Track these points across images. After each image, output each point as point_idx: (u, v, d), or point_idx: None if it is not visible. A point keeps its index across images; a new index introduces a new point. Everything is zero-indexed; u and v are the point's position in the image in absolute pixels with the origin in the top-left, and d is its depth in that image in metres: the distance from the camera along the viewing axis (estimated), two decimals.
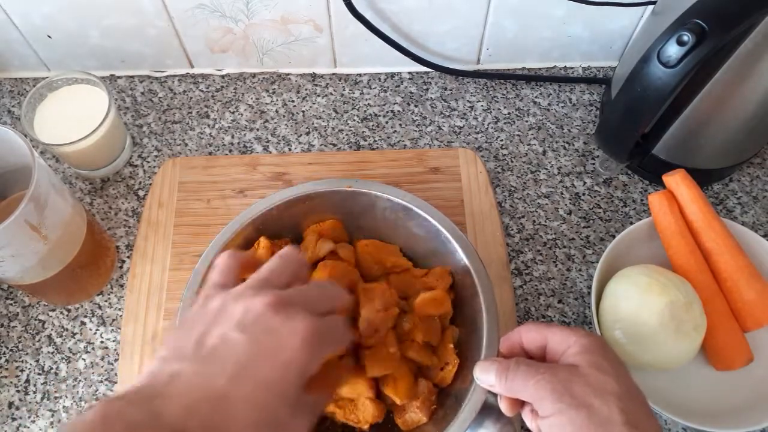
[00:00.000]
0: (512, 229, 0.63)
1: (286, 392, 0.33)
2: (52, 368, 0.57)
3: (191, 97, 0.72)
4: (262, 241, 0.52)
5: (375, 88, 0.72)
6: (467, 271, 0.50)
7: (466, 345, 0.49)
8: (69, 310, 0.59)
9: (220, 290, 0.37)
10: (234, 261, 0.40)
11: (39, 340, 0.58)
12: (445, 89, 0.72)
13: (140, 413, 0.31)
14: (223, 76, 0.73)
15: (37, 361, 0.57)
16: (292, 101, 0.72)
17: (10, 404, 0.55)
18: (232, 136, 0.69)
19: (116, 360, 0.57)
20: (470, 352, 0.48)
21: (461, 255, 0.50)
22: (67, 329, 0.59)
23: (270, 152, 0.68)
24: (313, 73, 0.73)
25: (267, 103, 0.71)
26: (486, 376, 0.39)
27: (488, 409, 0.43)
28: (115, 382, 0.56)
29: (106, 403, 0.31)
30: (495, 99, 0.71)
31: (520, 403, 0.40)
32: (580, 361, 0.37)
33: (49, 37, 0.68)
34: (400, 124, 0.70)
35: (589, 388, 0.36)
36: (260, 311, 0.35)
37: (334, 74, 0.73)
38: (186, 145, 0.69)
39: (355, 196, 0.53)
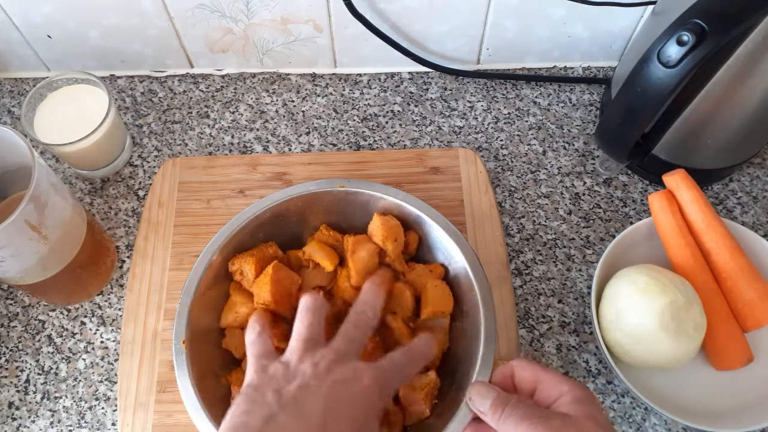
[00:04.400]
0: (512, 229, 0.63)
1: (370, 427, 0.37)
2: (52, 368, 0.57)
3: (191, 97, 0.72)
4: (324, 229, 0.54)
5: (375, 88, 0.72)
6: (462, 267, 0.50)
7: (464, 341, 0.49)
8: (69, 310, 0.59)
9: (270, 359, 0.40)
10: (264, 333, 0.43)
11: (39, 340, 0.58)
12: (445, 89, 0.72)
13: None
14: (223, 76, 0.73)
15: (37, 361, 0.57)
16: (292, 101, 0.72)
17: (10, 404, 0.55)
18: (232, 136, 0.69)
19: (116, 360, 0.57)
20: (468, 349, 0.48)
21: (457, 252, 0.51)
22: (67, 329, 0.59)
23: (270, 152, 0.68)
24: (313, 73, 0.73)
25: (267, 103, 0.71)
26: (481, 401, 0.40)
27: None
28: (115, 382, 0.56)
29: None
30: (495, 99, 0.71)
31: None
32: (574, 411, 0.37)
33: (49, 37, 0.68)
34: (400, 124, 0.70)
35: None
36: (328, 364, 0.38)
37: (334, 74, 0.73)
38: (186, 145, 0.69)
39: (349, 196, 0.54)
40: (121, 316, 0.59)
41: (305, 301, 0.43)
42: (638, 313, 0.51)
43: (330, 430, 0.35)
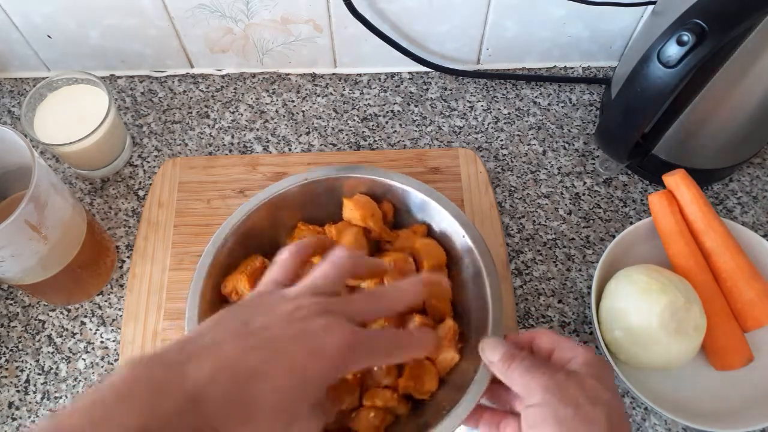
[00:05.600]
0: (512, 229, 0.63)
1: (312, 388, 0.34)
2: (52, 368, 0.57)
3: (191, 97, 0.72)
4: (301, 226, 0.54)
5: (375, 88, 0.72)
6: (469, 249, 0.50)
7: (467, 290, 0.51)
8: (69, 310, 0.59)
9: (276, 287, 0.39)
10: (293, 260, 0.42)
11: (39, 340, 0.58)
12: (445, 89, 0.72)
13: (167, 376, 0.32)
14: (223, 76, 0.73)
15: (37, 361, 0.57)
16: (292, 101, 0.72)
17: (10, 404, 0.55)
18: (232, 136, 0.69)
19: (116, 360, 0.57)
20: (476, 331, 0.49)
21: (435, 207, 0.52)
22: (67, 329, 0.59)
23: (270, 152, 0.68)
24: (313, 73, 0.73)
25: (267, 103, 0.71)
26: (491, 353, 0.41)
27: None
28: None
29: (136, 365, 0.32)
30: (495, 99, 0.71)
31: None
32: (582, 369, 0.39)
33: (49, 37, 0.68)
34: (400, 124, 0.70)
35: (582, 391, 0.37)
36: (309, 312, 0.36)
37: (334, 74, 0.73)
38: (186, 145, 0.69)
39: (314, 187, 0.54)
40: (121, 316, 0.59)
41: (336, 253, 0.41)
42: (638, 312, 0.51)
43: (265, 374, 0.33)
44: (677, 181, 0.57)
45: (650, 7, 0.64)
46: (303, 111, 0.71)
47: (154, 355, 0.33)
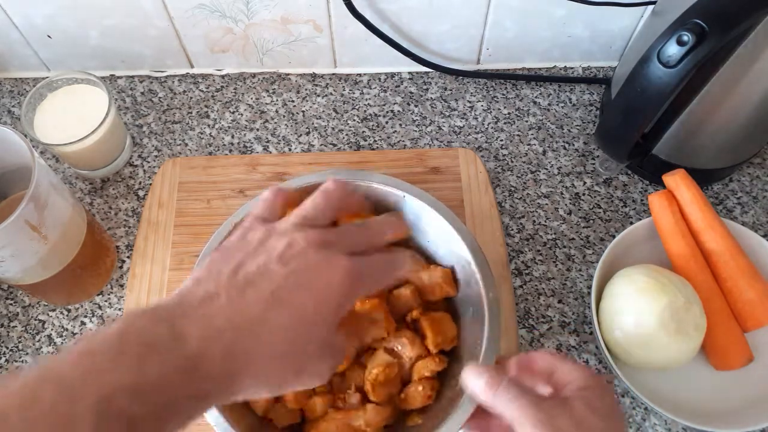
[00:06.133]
0: (512, 229, 0.63)
1: (319, 326, 0.33)
2: None
3: (191, 97, 0.72)
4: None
5: (375, 88, 0.72)
6: (466, 259, 0.50)
7: (455, 380, 0.48)
8: (69, 310, 0.59)
9: (261, 223, 0.37)
10: (279, 197, 0.40)
11: (39, 340, 0.58)
12: (445, 89, 0.72)
13: (161, 332, 0.30)
14: (223, 76, 0.73)
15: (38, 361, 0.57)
16: (292, 101, 0.72)
17: None
18: (232, 136, 0.69)
19: None
20: (470, 340, 0.48)
21: (459, 241, 0.51)
22: (67, 329, 0.59)
23: (270, 152, 0.68)
24: (313, 73, 0.73)
25: (267, 103, 0.71)
26: (476, 381, 0.39)
27: None
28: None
29: (129, 317, 0.30)
30: (495, 99, 0.71)
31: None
32: (576, 395, 0.37)
33: (49, 37, 0.68)
34: (400, 124, 0.70)
35: (572, 420, 0.35)
36: (303, 247, 0.34)
37: (334, 74, 0.73)
38: (186, 145, 0.69)
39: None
40: (121, 316, 0.59)
41: (326, 184, 0.40)
42: (638, 313, 0.51)
43: (265, 323, 0.32)
44: (677, 181, 0.57)
45: (650, 7, 0.64)
46: (303, 111, 0.71)
47: (151, 309, 0.31)
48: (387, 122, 0.70)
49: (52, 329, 0.59)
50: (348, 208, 0.41)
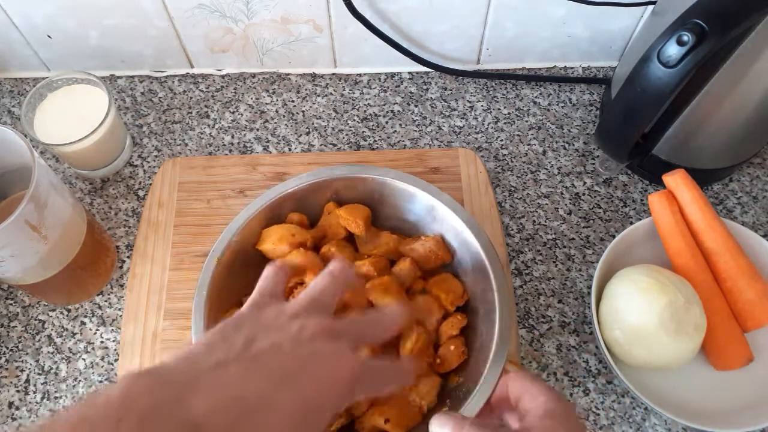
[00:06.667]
0: (512, 229, 0.63)
1: (318, 417, 0.34)
2: (52, 368, 0.57)
3: (191, 97, 0.72)
4: (301, 250, 0.52)
5: (375, 88, 0.72)
6: (477, 253, 0.50)
7: (478, 331, 0.50)
8: (69, 310, 0.59)
9: (272, 300, 0.38)
10: (283, 273, 0.41)
11: (39, 340, 0.58)
12: (445, 89, 0.72)
13: (165, 396, 0.30)
14: (223, 76, 0.73)
15: (37, 361, 0.57)
16: (292, 101, 0.72)
17: (10, 404, 0.55)
18: (232, 136, 0.69)
19: (116, 360, 0.57)
20: (483, 337, 0.49)
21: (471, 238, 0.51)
22: (67, 329, 0.59)
23: (270, 152, 0.68)
24: (313, 73, 0.73)
25: (267, 103, 0.71)
26: (440, 429, 0.39)
27: None
28: (115, 382, 0.56)
29: (131, 379, 0.30)
30: (495, 99, 0.71)
31: None
32: (536, 424, 0.37)
33: (49, 37, 0.68)
34: (400, 124, 0.70)
35: None
36: (316, 334, 0.35)
37: (334, 74, 0.73)
38: (186, 145, 0.69)
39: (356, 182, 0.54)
40: (121, 316, 0.59)
41: (333, 265, 0.41)
42: (638, 313, 0.51)
43: (272, 403, 0.32)
44: (677, 181, 0.57)
45: (650, 7, 0.64)
46: (303, 111, 0.71)
47: (155, 371, 0.31)
48: (387, 122, 0.70)
49: (52, 329, 0.59)
50: (350, 288, 0.42)
